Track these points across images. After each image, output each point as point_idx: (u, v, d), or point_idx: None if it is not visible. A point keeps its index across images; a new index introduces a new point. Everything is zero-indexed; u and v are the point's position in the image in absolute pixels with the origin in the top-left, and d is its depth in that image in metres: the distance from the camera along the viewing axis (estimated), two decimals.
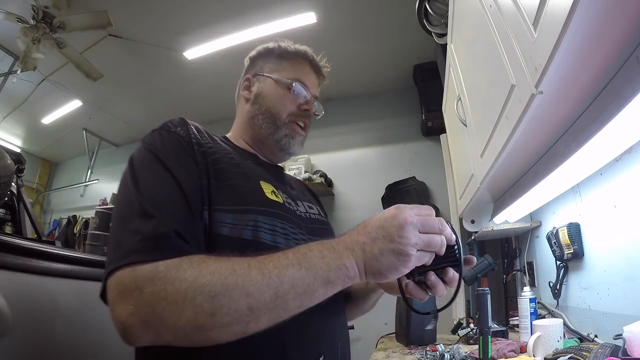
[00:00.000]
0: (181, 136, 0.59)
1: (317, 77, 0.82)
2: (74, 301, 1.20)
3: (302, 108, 0.77)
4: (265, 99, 0.76)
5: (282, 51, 0.80)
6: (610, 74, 0.59)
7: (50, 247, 1.31)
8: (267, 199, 0.62)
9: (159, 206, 0.47)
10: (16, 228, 1.96)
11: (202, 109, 4.03)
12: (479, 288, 0.99)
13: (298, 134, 0.77)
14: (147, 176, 0.51)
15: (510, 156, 0.89)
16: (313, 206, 0.79)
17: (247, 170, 0.65)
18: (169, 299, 0.39)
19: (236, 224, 0.54)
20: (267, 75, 0.78)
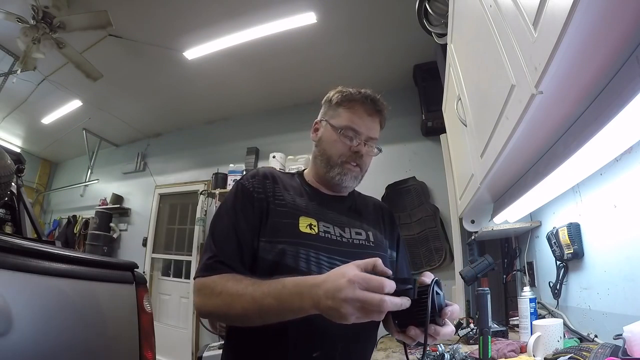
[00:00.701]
0: (247, 188, 0.84)
1: (373, 120, 0.90)
2: (74, 301, 1.20)
3: (353, 150, 0.88)
4: (323, 143, 0.91)
5: (339, 99, 0.90)
6: (610, 74, 0.59)
7: (50, 247, 1.31)
8: (299, 232, 0.80)
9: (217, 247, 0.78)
10: (16, 228, 1.96)
11: (202, 109, 4.03)
12: (479, 288, 0.99)
13: (350, 171, 0.89)
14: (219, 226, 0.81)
15: (510, 156, 0.89)
16: (363, 232, 0.90)
17: (292, 208, 0.84)
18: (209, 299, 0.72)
19: (266, 250, 0.77)
20: (327, 122, 0.91)
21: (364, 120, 0.88)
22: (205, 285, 0.73)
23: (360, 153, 0.88)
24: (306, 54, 2.95)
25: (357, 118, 0.88)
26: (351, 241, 0.86)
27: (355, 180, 0.91)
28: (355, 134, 0.87)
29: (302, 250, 0.77)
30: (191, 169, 4.23)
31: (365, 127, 0.88)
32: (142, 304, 1.44)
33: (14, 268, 1.01)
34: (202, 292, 0.73)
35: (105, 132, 4.76)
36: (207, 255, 0.77)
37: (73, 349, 1.14)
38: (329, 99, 0.93)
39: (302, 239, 0.79)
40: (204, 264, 0.76)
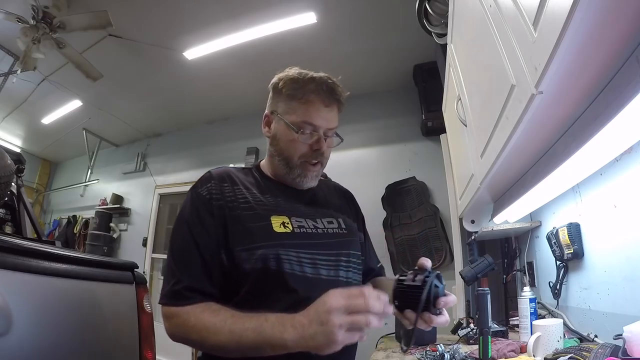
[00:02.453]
0: (203, 196, 0.77)
1: (331, 109, 0.82)
2: (74, 301, 1.20)
3: (314, 148, 0.81)
4: (280, 142, 0.84)
5: (291, 92, 0.81)
6: (610, 74, 0.59)
7: (50, 247, 1.31)
8: (273, 233, 0.75)
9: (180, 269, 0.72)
10: (16, 228, 1.96)
11: (202, 109, 4.03)
12: (479, 288, 0.99)
13: (310, 171, 0.84)
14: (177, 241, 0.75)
15: (510, 156, 0.89)
16: (334, 220, 0.86)
17: (260, 209, 0.78)
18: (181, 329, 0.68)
19: (250, 259, 0.72)
20: (280, 117, 0.83)
21: (321, 113, 0.80)
22: (175, 314, 0.68)
23: (321, 150, 0.81)
24: (306, 54, 2.95)
25: (314, 111, 0.79)
26: (326, 231, 0.82)
27: (317, 178, 0.86)
28: (313, 130, 0.80)
29: (282, 251, 0.73)
30: (191, 169, 4.23)
31: (324, 119, 0.80)
32: (142, 304, 1.44)
33: (14, 268, 1.01)
34: (172, 321, 0.69)
35: (105, 132, 4.76)
36: (173, 280, 0.70)
37: (73, 349, 1.14)
38: (278, 88, 0.83)
39: (279, 240, 0.75)
40: (170, 291, 0.70)
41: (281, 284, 0.71)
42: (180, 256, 0.73)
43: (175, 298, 0.69)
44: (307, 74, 0.82)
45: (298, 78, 0.81)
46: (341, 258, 0.81)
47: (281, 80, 0.83)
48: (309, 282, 0.73)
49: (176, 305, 0.69)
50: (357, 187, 3.56)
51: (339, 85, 0.83)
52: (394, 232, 2.92)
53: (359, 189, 0.98)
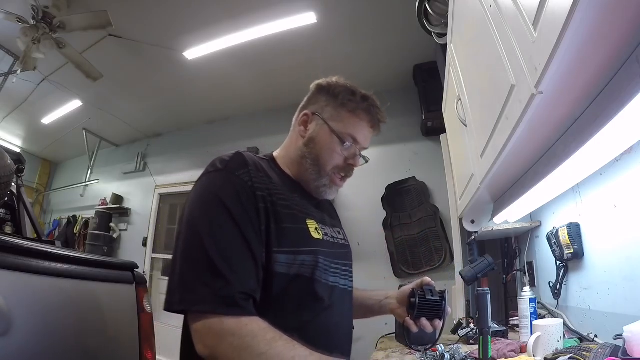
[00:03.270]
0: (244, 182, 0.66)
1: (372, 132, 0.84)
2: (74, 301, 1.20)
3: (348, 163, 0.81)
4: (317, 146, 0.80)
5: (346, 101, 0.80)
6: (610, 74, 0.59)
7: (50, 247, 1.31)
8: (312, 239, 0.72)
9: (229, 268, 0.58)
10: (16, 228, 1.96)
11: (202, 108, 4.03)
12: (479, 288, 0.99)
13: (336, 185, 0.83)
14: (218, 233, 0.61)
15: (510, 156, 0.89)
16: (340, 230, 0.88)
17: (295, 209, 0.73)
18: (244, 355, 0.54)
19: (287, 263, 0.66)
20: (325, 121, 0.80)
21: (365, 132, 0.82)
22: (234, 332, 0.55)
23: (354, 166, 0.82)
24: (306, 54, 2.95)
25: (360, 128, 0.80)
26: (338, 241, 0.83)
27: (335, 194, 0.85)
28: (355, 146, 0.81)
29: (320, 258, 0.71)
30: (191, 169, 4.23)
31: (365, 138, 0.82)
32: (142, 304, 1.44)
33: (14, 268, 1.01)
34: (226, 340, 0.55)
35: (105, 132, 4.76)
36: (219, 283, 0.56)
37: (73, 349, 1.14)
38: (331, 93, 0.81)
39: (316, 246, 0.72)
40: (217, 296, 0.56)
41: (310, 291, 0.69)
42: (227, 253, 0.60)
43: (227, 305, 0.56)
44: (361, 91, 0.82)
45: (354, 91, 0.81)
46: (348, 269, 0.84)
47: (335, 87, 0.82)
48: (332, 291, 0.74)
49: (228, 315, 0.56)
50: (357, 187, 3.57)
51: (384, 112, 0.85)
52: (394, 232, 2.92)
53: (359, 189, 0.98)
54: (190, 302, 0.58)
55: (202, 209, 0.64)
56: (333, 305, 0.72)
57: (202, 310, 0.57)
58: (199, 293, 0.57)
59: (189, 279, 0.59)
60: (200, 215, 0.63)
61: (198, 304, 0.57)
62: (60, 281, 1.16)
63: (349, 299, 0.82)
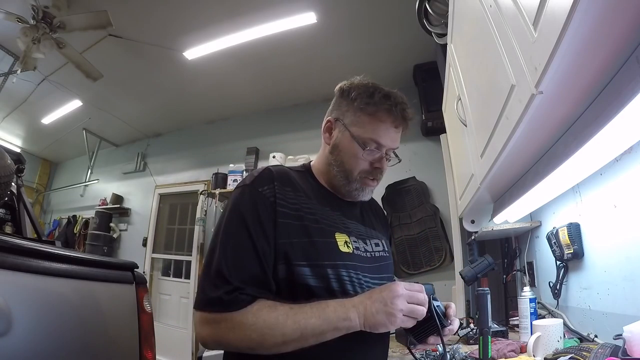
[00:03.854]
0: (266, 197, 0.71)
1: (398, 131, 0.81)
2: (74, 301, 1.20)
3: (375, 166, 0.81)
4: (341, 153, 0.80)
5: (363, 105, 0.78)
6: (610, 74, 0.59)
7: (50, 247, 1.31)
8: (339, 252, 0.74)
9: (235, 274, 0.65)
10: (16, 228, 1.96)
11: (202, 108, 4.03)
12: (479, 288, 0.99)
13: (368, 186, 0.83)
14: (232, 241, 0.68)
15: (510, 156, 0.89)
16: (380, 242, 0.87)
17: (323, 223, 0.75)
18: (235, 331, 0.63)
19: (313, 275, 0.69)
20: (346, 127, 0.79)
21: (389, 133, 0.79)
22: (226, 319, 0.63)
23: (382, 169, 0.81)
24: (306, 54, 2.95)
25: (383, 130, 0.78)
26: (374, 254, 0.82)
27: (370, 194, 0.86)
28: (379, 148, 0.79)
29: (344, 272, 0.72)
30: (191, 169, 4.23)
31: (391, 140, 0.79)
32: (142, 304, 1.44)
33: (14, 268, 1.01)
34: (221, 326, 0.63)
35: (105, 132, 4.76)
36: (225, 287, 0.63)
37: (73, 349, 1.14)
38: (350, 97, 0.80)
39: (344, 260, 0.73)
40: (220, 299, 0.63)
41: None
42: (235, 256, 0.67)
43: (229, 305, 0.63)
44: (382, 89, 0.79)
45: (373, 92, 0.78)
46: (384, 282, 0.81)
47: (354, 89, 0.80)
48: None
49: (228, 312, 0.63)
50: None
51: (410, 107, 0.82)
52: (394, 232, 2.92)
53: None
54: (198, 302, 0.66)
55: (224, 221, 0.71)
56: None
57: (208, 310, 0.64)
58: (207, 294, 0.65)
59: (203, 283, 0.67)
60: (222, 225, 0.70)
61: (207, 304, 0.65)
62: (60, 281, 1.16)
63: None
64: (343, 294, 0.70)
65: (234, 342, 0.64)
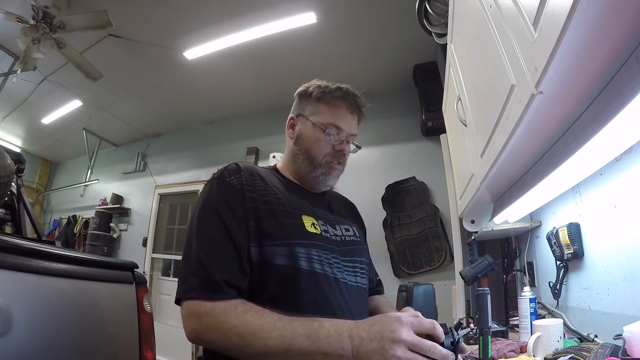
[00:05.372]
0: (233, 186, 0.74)
1: (354, 117, 0.89)
2: (74, 301, 1.20)
3: (337, 149, 0.86)
4: (304, 141, 0.87)
5: (320, 95, 0.87)
6: (610, 74, 0.59)
7: (50, 247, 1.31)
8: (307, 232, 0.76)
9: (212, 260, 0.66)
10: (16, 228, 1.96)
11: (202, 108, 4.03)
12: (479, 288, 0.99)
13: (334, 170, 0.88)
14: (207, 230, 0.70)
15: (510, 156, 0.89)
16: (350, 227, 0.90)
17: (291, 207, 0.78)
18: (217, 331, 0.61)
19: (282, 255, 0.70)
20: (306, 118, 0.88)
21: (346, 118, 0.87)
22: (209, 313, 0.62)
23: (343, 152, 0.87)
24: (306, 54, 2.95)
25: (340, 115, 0.86)
26: (344, 238, 0.85)
27: (337, 179, 0.90)
28: (339, 132, 0.85)
29: (314, 251, 0.74)
30: (191, 169, 4.23)
31: (348, 124, 0.87)
32: (142, 304, 1.44)
33: (14, 268, 1.01)
34: (204, 321, 0.62)
35: (105, 132, 4.76)
36: (203, 273, 0.64)
37: (73, 349, 1.14)
38: (307, 93, 0.89)
39: (312, 240, 0.76)
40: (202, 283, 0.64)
41: (312, 283, 0.72)
42: (213, 247, 0.68)
43: (210, 291, 0.63)
44: (335, 83, 0.88)
45: (327, 85, 0.87)
46: (357, 265, 0.84)
47: (310, 87, 0.89)
48: (337, 285, 0.75)
49: (211, 300, 0.63)
50: (357, 187, 3.57)
51: (361, 97, 0.89)
52: (394, 232, 2.92)
53: (359, 189, 0.99)
54: (182, 291, 0.66)
55: (196, 213, 0.73)
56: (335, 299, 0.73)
57: (190, 297, 0.64)
58: (188, 283, 0.66)
59: (183, 273, 0.69)
60: (194, 218, 0.73)
61: (188, 292, 0.65)
62: (60, 281, 1.16)
63: (359, 296, 0.82)
64: (311, 272, 0.71)
65: (215, 341, 0.62)
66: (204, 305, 0.63)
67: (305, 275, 0.71)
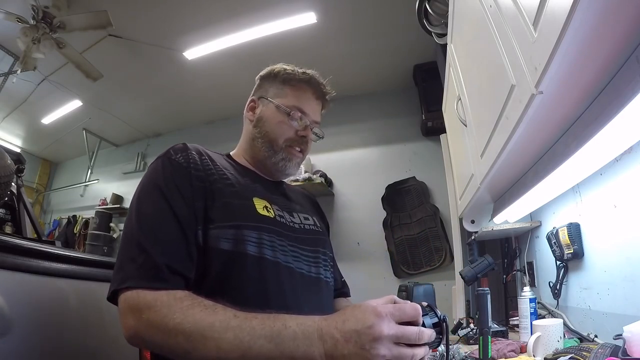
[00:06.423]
0: (180, 163, 0.67)
1: (319, 103, 0.85)
2: (74, 301, 1.20)
3: (300, 134, 0.81)
4: (266, 124, 0.81)
5: (286, 76, 0.83)
6: (610, 74, 0.59)
7: (50, 247, 1.31)
8: (257, 215, 0.69)
9: (153, 241, 0.57)
10: (16, 228, 1.96)
11: (202, 109, 4.03)
12: (479, 288, 0.99)
13: (295, 157, 0.82)
14: (147, 209, 0.62)
15: (510, 156, 0.89)
16: (309, 217, 0.84)
17: (241, 188, 0.71)
18: (159, 329, 0.51)
19: (229, 239, 0.63)
20: (269, 100, 0.82)
21: (311, 103, 0.83)
22: (150, 306, 0.52)
23: (306, 138, 0.82)
24: (306, 54, 2.94)
25: (305, 99, 0.82)
26: (302, 226, 0.78)
27: (297, 167, 0.85)
28: (302, 117, 0.80)
29: (265, 235, 0.66)
30: None
31: (312, 110, 0.83)
32: None
33: (14, 268, 1.01)
34: (144, 317, 0.52)
35: (105, 132, 4.75)
36: (142, 256, 0.55)
37: (73, 349, 1.14)
38: (272, 74, 0.84)
39: (263, 223, 0.68)
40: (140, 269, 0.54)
41: (261, 271, 0.64)
42: (154, 227, 0.59)
43: (150, 278, 0.54)
44: (301, 68, 0.84)
45: (293, 68, 0.83)
46: (319, 256, 0.78)
47: (275, 69, 0.85)
48: (290, 276, 0.68)
49: (152, 289, 0.53)
50: (357, 187, 3.58)
51: (327, 85, 0.86)
52: (394, 232, 2.92)
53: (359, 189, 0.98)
54: (117, 281, 0.56)
55: (138, 192, 0.66)
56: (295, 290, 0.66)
57: (127, 287, 0.54)
58: (125, 271, 0.56)
59: (120, 259, 0.59)
60: (135, 199, 0.65)
61: (125, 281, 0.55)
62: (60, 281, 1.16)
63: (320, 289, 0.75)
64: (260, 259, 0.63)
65: (158, 342, 0.52)
66: (144, 297, 0.53)
67: (254, 262, 0.63)
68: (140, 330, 0.52)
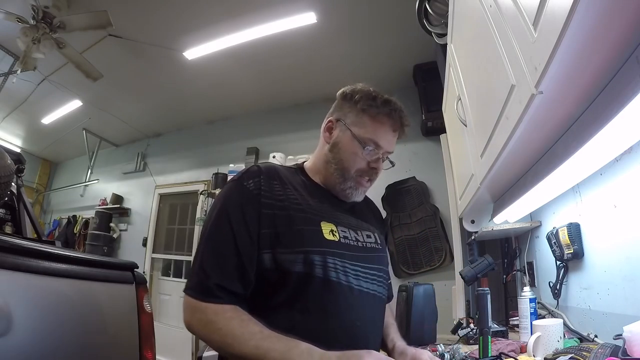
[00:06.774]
0: (250, 190, 0.75)
1: (395, 135, 0.86)
2: (74, 301, 1.20)
3: (371, 166, 0.84)
4: (340, 151, 0.84)
5: (365, 106, 0.82)
6: (610, 74, 0.59)
7: (50, 247, 1.31)
8: (323, 240, 0.75)
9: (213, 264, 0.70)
10: (16, 228, 1.96)
11: (202, 109, 4.03)
12: (479, 288, 0.99)
13: (362, 186, 0.86)
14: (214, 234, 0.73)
15: (510, 156, 0.89)
16: (371, 234, 0.88)
17: (311, 213, 0.78)
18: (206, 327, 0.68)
19: (298, 262, 0.71)
20: (347, 126, 0.84)
21: (387, 136, 0.84)
22: (201, 310, 0.68)
23: (377, 170, 0.84)
24: (306, 54, 2.95)
25: (382, 132, 0.82)
26: (365, 245, 0.83)
27: (363, 195, 0.89)
28: (377, 149, 0.83)
29: (330, 259, 0.73)
30: (191, 169, 4.23)
31: (388, 142, 0.84)
32: (142, 304, 1.44)
33: (14, 268, 1.01)
34: (196, 316, 0.69)
35: (105, 132, 4.76)
36: (202, 275, 0.70)
37: (73, 349, 1.14)
38: (353, 100, 0.84)
39: (329, 247, 0.75)
40: (198, 284, 0.69)
41: (326, 291, 0.72)
42: (216, 250, 0.72)
43: (203, 294, 0.69)
44: (384, 95, 0.84)
45: (375, 96, 0.83)
46: (376, 273, 0.83)
47: (357, 93, 0.84)
48: (351, 293, 0.75)
49: (201, 300, 0.68)
50: None
51: (406, 115, 0.86)
52: (394, 232, 2.92)
53: None
54: (186, 285, 0.72)
55: (210, 214, 0.76)
56: (353, 306, 0.74)
57: (188, 293, 0.70)
58: (191, 280, 0.71)
59: (191, 269, 0.74)
60: (208, 222, 0.75)
61: (189, 288, 0.71)
62: (60, 281, 1.16)
63: (376, 304, 0.82)
64: (326, 282, 0.72)
65: (201, 335, 0.68)
66: (197, 303, 0.68)
67: (319, 283, 0.71)
68: (193, 324, 0.69)
